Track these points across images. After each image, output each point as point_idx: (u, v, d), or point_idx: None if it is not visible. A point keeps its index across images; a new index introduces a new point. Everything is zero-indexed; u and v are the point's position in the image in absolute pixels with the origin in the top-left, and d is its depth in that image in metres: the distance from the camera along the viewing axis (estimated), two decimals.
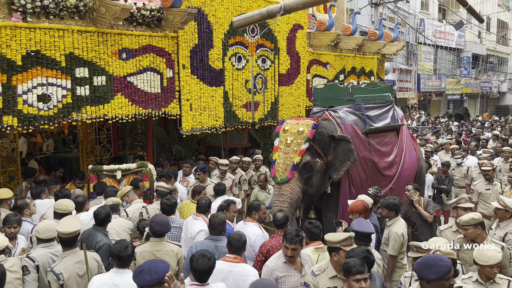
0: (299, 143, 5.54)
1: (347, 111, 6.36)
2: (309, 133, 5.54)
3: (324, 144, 5.70)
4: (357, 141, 6.11)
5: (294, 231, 3.70)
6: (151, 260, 3.00)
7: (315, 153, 5.63)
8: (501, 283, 3.47)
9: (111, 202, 4.88)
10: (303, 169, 5.53)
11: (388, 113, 6.82)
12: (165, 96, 6.72)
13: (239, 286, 3.56)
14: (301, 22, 8.85)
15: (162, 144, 8.80)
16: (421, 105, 28.69)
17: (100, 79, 5.92)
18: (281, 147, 5.67)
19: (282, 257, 3.77)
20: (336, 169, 5.73)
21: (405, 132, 7.08)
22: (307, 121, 5.72)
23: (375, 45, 10.52)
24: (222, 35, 7.38)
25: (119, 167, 6.33)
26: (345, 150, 5.69)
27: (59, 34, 5.49)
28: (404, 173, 6.68)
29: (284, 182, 5.46)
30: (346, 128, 6.10)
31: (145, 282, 2.75)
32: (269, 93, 8.36)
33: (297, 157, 5.49)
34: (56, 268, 3.52)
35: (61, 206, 4.52)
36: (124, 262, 3.43)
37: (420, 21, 25.94)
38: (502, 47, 36.32)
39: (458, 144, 10.32)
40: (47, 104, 5.46)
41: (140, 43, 6.31)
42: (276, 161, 5.67)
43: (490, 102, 36.74)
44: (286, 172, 5.48)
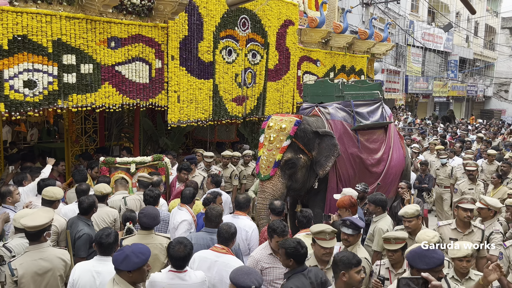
0: (281, 140, 5.56)
1: (337, 107, 6.37)
2: (291, 130, 5.55)
3: (307, 141, 5.69)
4: (346, 138, 6.16)
5: (282, 225, 3.77)
6: (131, 245, 3.00)
7: (297, 149, 5.63)
8: (476, 280, 3.46)
9: (99, 191, 4.81)
10: (285, 166, 5.54)
11: (377, 111, 6.87)
12: (153, 87, 6.65)
13: (223, 277, 3.55)
14: (292, 18, 8.84)
15: (149, 136, 8.71)
16: (408, 107, 28.96)
17: (87, 67, 5.82)
18: (265, 144, 5.69)
19: (267, 249, 3.82)
20: (321, 165, 5.73)
21: (393, 129, 7.15)
22: (290, 118, 5.71)
23: (365, 44, 10.58)
24: (213, 27, 7.32)
25: (133, 160, 6.23)
26: (329, 146, 5.72)
27: (47, 20, 5.38)
28: (391, 170, 6.74)
29: (266, 179, 5.51)
30: (335, 124, 6.11)
31: (134, 265, 2.84)
32: (257, 88, 8.34)
33: (279, 154, 5.50)
34: (13, 263, 3.33)
35: (48, 193, 4.38)
36: (105, 249, 3.36)
37: (410, 23, 26.16)
38: (489, 51, 36.86)
39: (443, 145, 10.46)
40: (33, 90, 5.35)
41: (129, 32, 6.23)
42: (260, 158, 5.70)
43: (475, 105, 37.28)
44: (269, 169, 5.51)
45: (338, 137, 5.97)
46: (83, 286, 3.24)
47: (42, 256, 3.43)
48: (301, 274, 3.24)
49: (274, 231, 3.72)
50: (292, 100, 9.13)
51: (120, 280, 2.90)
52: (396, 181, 6.94)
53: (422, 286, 2.31)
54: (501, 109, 35.81)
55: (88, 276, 3.26)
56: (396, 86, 25.65)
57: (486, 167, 8.79)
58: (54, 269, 3.45)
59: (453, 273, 3.61)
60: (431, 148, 10.17)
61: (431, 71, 29.42)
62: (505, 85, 37.26)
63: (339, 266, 3.05)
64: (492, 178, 7.21)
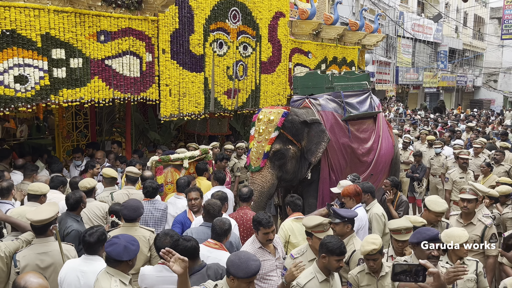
0: (269, 131, 5.68)
1: (327, 98, 6.48)
2: (278, 121, 5.66)
3: (295, 131, 5.78)
4: (337, 128, 6.27)
5: (266, 216, 3.74)
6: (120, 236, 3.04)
7: (286, 140, 5.74)
8: (469, 265, 3.54)
9: (84, 186, 4.77)
10: (274, 157, 5.66)
11: (366, 101, 6.99)
12: (144, 81, 6.61)
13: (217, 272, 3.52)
14: (283, 10, 8.81)
15: (140, 131, 8.66)
16: (399, 98, 29.11)
17: (76, 61, 5.76)
18: (255, 136, 5.82)
19: (256, 243, 3.79)
20: (312, 152, 5.84)
21: (381, 119, 7.26)
22: (278, 110, 5.82)
23: (356, 35, 10.58)
24: (204, 20, 7.27)
25: (185, 156, 6.27)
26: (317, 132, 5.84)
27: (35, 14, 5.30)
28: (381, 159, 6.86)
29: (257, 171, 5.64)
30: (326, 115, 6.21)
31: (134, 252, 2.97)
32: (249, 81, 8.32)
33: (267, 146, 5.63)
34: (18, 254, 3.41)
35: (34, 187, 4.38)
36: (88, 248, 3.29)
37: (400, 14, 26.22)
38: (478, 42, 37.11)
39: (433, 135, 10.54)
40: (25, 85, 5.28)
41: (119, 25, 6.16)
42: (250, 150, 5.83)
43: (465, 96, 37.59)
44: (259, 160, 5.65)
45: (330, 127, 6.09)
46: (69, 285, 3.21)
47: (47, 250, 3.46)
48: (199, 273, 3.18)
49: (259, 223, 3.69)
50: (284, 92, 9.13)
51: (115, 271, 2.91)
52: (386, 169, 7.06)
53: (420, 273, 2.33)
54: (490, 99, 36.16)
55: (73, 275, 3.22)
56: (386, 77, 25.74)
57: (473, 161, 8.76)
58: (56, 264, 3.45)
59: (446, 259, 3.65)
60: (422, 138, 10.24)
61: (421, 62, 29.56)
62: (494, 75, 37.56)
63: (323, 248, 3.19)
64: (482, 167, 7.27)
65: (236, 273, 2.67)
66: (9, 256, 3.46)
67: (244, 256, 2.78)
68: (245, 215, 4.67)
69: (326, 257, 3.16)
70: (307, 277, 3.20)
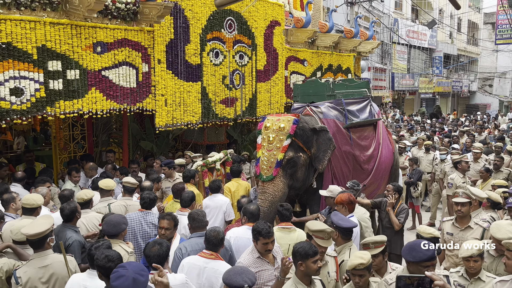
0: (281, 139, 5.58)
1: (329, 106, 6.46)
2: (290, 129, 5.59)
3: (306, 138, 5.74)
4: (339, 136, 6.25)
5: (267, 225, 3.69)
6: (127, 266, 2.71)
7: (297, 148, 5.67)
8: (486, 281, 3.46)
9: (80, 198, 4.73)
10: (287, 165, 5.57)
11: (366, 108, 7.01)
12: (141, 91, 6.61)
13: (212, 283, 3.52)
14: (278, 19, 8.86)
15: (137, 141, 8.65)
16: (396, 104, 29.22)
17: (73, 73, 5.76)
18: (264, 145, 5.69)
19: (254, 253, 3.73)
20: (320, 159, 5.82)
21: (381, 126, 7.28)
22: (287, 117, 5.75)
23: (351, 42, 10.64)
24: (199, 30, 7.31)
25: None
26: (325, 140, 5.81)
27: (31, 26, 5.32)
28: (381, 166, 6.85)
29: (269, 180, 5.50)
30: (328, 123, 6.19)
31: (144, 285, 2.63)
32: (247, 89, 8.34)
33: (280, 154, 5.52)
34: (18, 271, 3.36)
35: (28, 201, 4.33)
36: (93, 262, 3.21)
37: (394, 21, 26.41)
38: (472, 47, 37.36)
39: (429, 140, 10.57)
40: (20, 98, 5.27)
41: (115, 36, 6.18)
42: (260, 159, 5.68)
43: (460, 101, 37.74)
44: (271, 169, 5.52)
45: (332, 135, 6.06)
46: None
47: (47, 264, 3.41)
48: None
49: (259, 233, 3.63)
50: (280, 100, 9.15)
51: None
52: (386, 176, 7.05)
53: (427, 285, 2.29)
54: (486, 104, 36.34)
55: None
56: (382, 84, 25.87)
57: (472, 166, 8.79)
58: (58, 276, 3.42)
59: (463, 272, 3.60)
60: (419, 143, 10.27)
61: (417, 68, 29.72)
62: (489, 79, 37.81)
63: (297, 257, 3.18)
64: (481, 172, 7.30)
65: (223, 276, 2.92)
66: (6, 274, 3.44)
67: (241, 270, 2.95)
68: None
69: (303, 263, 3.16)
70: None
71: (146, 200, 4.82)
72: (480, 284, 3.47)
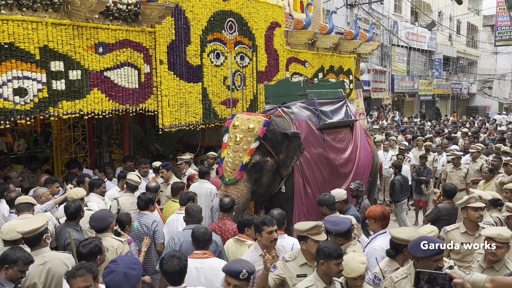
0: (249, 141, 5.16)
1: (301, 106, 6.07)
2: (259, 131, 5.17)
3: (275, 143, 5.34)
4: (312, 137, 5.85)
5: (268, 216, 3.72)
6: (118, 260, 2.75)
7: (265, 152, 5.27)
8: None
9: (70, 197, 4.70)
10: (252, 169, 5.17)
11: (341, 109, 6.63)
12: (143, 92, 6.63)
13: (213, 282, 3.48)
14: (279, 20, 8.89)
15: (139, 142, 8.67)
16: (395, 106, 29.25)
17: (75, 73, 5.78)
18: (230, 144, 5.26)
19: (258, 250, 3.68)
20: (286, 166, 5.46)
21: (358, 128, 6.90)
22: (258, 117, 5.31)
23: (351, 44, 10.68)
24: (200, 31, 7.33)
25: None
26: (295, 147, 5.44)
27: (33, 27, 5.34)
28: (360, 170, 6.48)
29: (232, 183, 5.09)
30: (300, 124, 5.81)
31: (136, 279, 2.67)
32: (248, 90, 8.37)
33: (246, 157, 5.11)
34: None
35: (22, 200, 4.39)
36: (81, 260, 3.19)
37: (394, 23, 26.48)
38: (471, 49, 37.45)
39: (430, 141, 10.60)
40: (24, 98, 5.29)
41: (117, 37, 6.20)
42: (224, 160, 5.25)
43: (460, 103, 37.80)
44: (235, 172, 5.11)
45: (304, 137, 5.69)
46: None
47: (44, 261, 3.41)
48: None
49: (262, 223, 3.60)
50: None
51: None
52: (365, 180, 6.62)
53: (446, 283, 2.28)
54: (485, 106, 36.38)
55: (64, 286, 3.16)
56: (382, 86, 25.90)
57: (471, 166, 8.79)
58: (55, 273, 3.42)
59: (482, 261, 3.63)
60: (419, 144, 10.30)
61: (416, 70, 29.77)
62: (489, 81, 37.88)
63: (320, 255, 3.14)
64: (484, 172, 7.30)
65: (223, 267, 2.99)
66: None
67: (241, 260, 3.07)
68: (224, 225, 4.50)
69: (325, 262, 3.11)
70: (306, 284, 3.17)
71: (139, 201, 4.87)
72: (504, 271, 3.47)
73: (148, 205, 4.89)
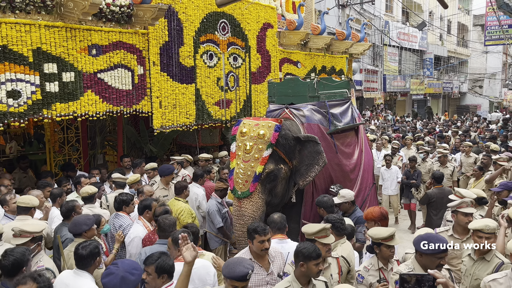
0: (260, 149, 4.75)
1: (312, 109, 5.67)
2: (271, 137, 4.78)
3: (288, 148, 4.96)
4: (324, 143, 5.42)
5: (261, 224, 3.60)
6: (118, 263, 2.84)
7: (278, 159, 4.88)
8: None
9: (85, 192, 4.86)
10: (267, 179, 4.78)
11: (348, 111, 6.34)
12: (136, 93, 6.65)
13: (205, 280, 3.49)
14: (271, 21, 8.95)
15: (132, 143, 8.68)
16: (387, 105, 29.46)
17: (69, 75, 5.79)
18: (239, 154, 4.86)
19: (247, 254, 3.61)
20: (302, 174, 5.03)
21: (362, 131, 6.70)
22: (268, 122, 4.91)
23: (343, 44, 10.76)
24: (193, 32, 7.37)
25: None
26: (311, 153, 4.99)
27: (26, 29, 5.34)
28: (364, 174, 6.30)
29: (245, 197, 4.71)
30: (312, 129, 5.45)
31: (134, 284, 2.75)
32: (242, 91, 8.41)
33: (259, 166, 4.71)
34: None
35: (24, 200, 4.44)
36: (79, 261, 3.24)
37: (385, 23, 26.67)
38: (462, 49, 37.81)
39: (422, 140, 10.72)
40: (17, 100, 5.30)
41: (110, 39, 6.22)
42: (234, 171, 4.85)
43: (451, 102, 38.14)
44: (248, 184, 4.71)
45: None
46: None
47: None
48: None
49: (254, 231, 3.48)
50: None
51: None
52: (370, 184, 6.53)
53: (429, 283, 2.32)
54: (476, 104, 36.75)
55: (58, 286, 3.21)
56: (374, 85, 26.08)
57: (465, 160, 9.03)
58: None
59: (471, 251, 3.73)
60: (408, 143, 10.39)
61: (408, 70, 30.01)
62: (479, 80, 38.28)
63: (299, 257, 3.16)
64: (474, 170, 7.40)
65: (224, 271, 2.87)
66: None
67: (238, 260, 2.95)
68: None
69: (304, 264, 3.11)
70: (283, 285, 3.18)
71: (114, 201, 4.96)
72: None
73: (121, 207, 4.87)
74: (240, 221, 4.72)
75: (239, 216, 4.75)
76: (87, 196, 4.93)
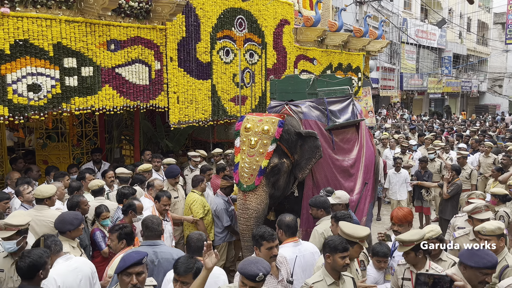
0: (265, 143, 4.97)
1: (310, 105, 5.83)
2: (275, 132, 5.00)
3: (291, 143, 5.21)
4: (322, 139, 5.60)
5: (268, 228, 3.48)
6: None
7: (282, 153, 5.12)
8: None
9: (95, 186, 4.97)
10: (271, 173, 5.02)
11: (348, 108, 6.41)
12: (153, 88, 6.71)
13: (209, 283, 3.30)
14: (288, 18, 8.92)
15: (149, 138, 8.77)
16: (404, 104, 29.13)
17: (87, 70, 5.87)
18: (243, 149, 5.06)
19: None
20: (301, 168, 5.29)
21: (364, 127, 6.71)
22: (271, 118, 5.15)
23: (360, 41, 10.67)
24: (210, 28, 7.39)
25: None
26: (311, 147, 5.24)
27: (47, 24, 5.43)
28: (365, 169, 6.32)
29: (250, 190, 4.93)
30: (309, 125, 5.61)
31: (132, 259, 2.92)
32: (257, 88, 8.42)
33: (264, 161, 4.93)
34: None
35: (35, 191, 4.59)
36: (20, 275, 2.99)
37: (403, 21, 26.33)
38: (482, 47, 37.12)
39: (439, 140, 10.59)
40: (38, 94, 5.40)
41: (128, 34, 6.28)
42: (239, 165, 5.04)
43: (470, 101, 37.52)
44: (253, 177, 4.93)
45: None
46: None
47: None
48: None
49: (262, 237, 3.35)
50: None
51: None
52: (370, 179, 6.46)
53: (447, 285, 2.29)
54: (495, 104, 36.08)
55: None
56: (391, 84, 25.81)
57: (483, 160, 8.88)
58: None
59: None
60: (427, 142, 10.29)
61: (425, 68, 29.60)
62: (499, 80, 37.53)
63: (326, 249, 3.19)
64: (492, 171, 7.31)
65: (238, 266, 2.89)
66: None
67: (255, 260, 2.95)
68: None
69: (330, 256, 3.16)
70: (315, 279, 3.20)
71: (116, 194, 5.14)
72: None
73: (121, 200, 4.91)
74: (245, 214, 4.92)
75: (243, 209, 4.94)
76: (97, 189, 5.20)
